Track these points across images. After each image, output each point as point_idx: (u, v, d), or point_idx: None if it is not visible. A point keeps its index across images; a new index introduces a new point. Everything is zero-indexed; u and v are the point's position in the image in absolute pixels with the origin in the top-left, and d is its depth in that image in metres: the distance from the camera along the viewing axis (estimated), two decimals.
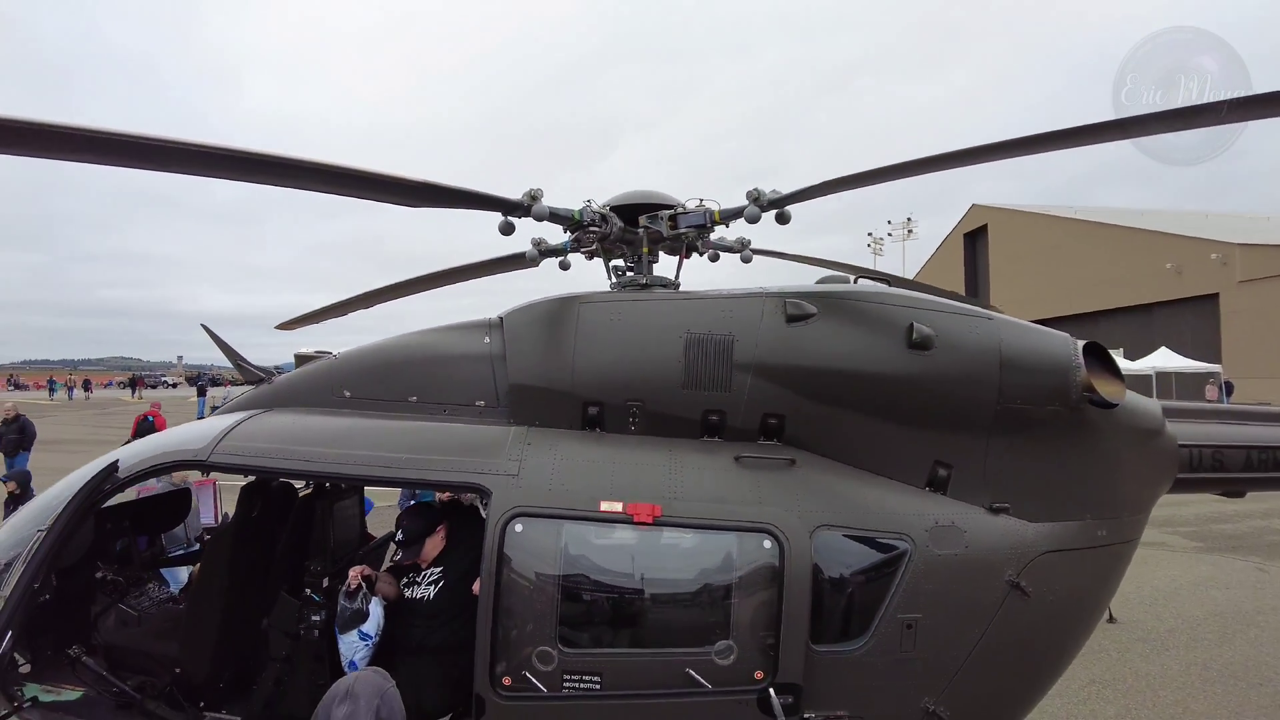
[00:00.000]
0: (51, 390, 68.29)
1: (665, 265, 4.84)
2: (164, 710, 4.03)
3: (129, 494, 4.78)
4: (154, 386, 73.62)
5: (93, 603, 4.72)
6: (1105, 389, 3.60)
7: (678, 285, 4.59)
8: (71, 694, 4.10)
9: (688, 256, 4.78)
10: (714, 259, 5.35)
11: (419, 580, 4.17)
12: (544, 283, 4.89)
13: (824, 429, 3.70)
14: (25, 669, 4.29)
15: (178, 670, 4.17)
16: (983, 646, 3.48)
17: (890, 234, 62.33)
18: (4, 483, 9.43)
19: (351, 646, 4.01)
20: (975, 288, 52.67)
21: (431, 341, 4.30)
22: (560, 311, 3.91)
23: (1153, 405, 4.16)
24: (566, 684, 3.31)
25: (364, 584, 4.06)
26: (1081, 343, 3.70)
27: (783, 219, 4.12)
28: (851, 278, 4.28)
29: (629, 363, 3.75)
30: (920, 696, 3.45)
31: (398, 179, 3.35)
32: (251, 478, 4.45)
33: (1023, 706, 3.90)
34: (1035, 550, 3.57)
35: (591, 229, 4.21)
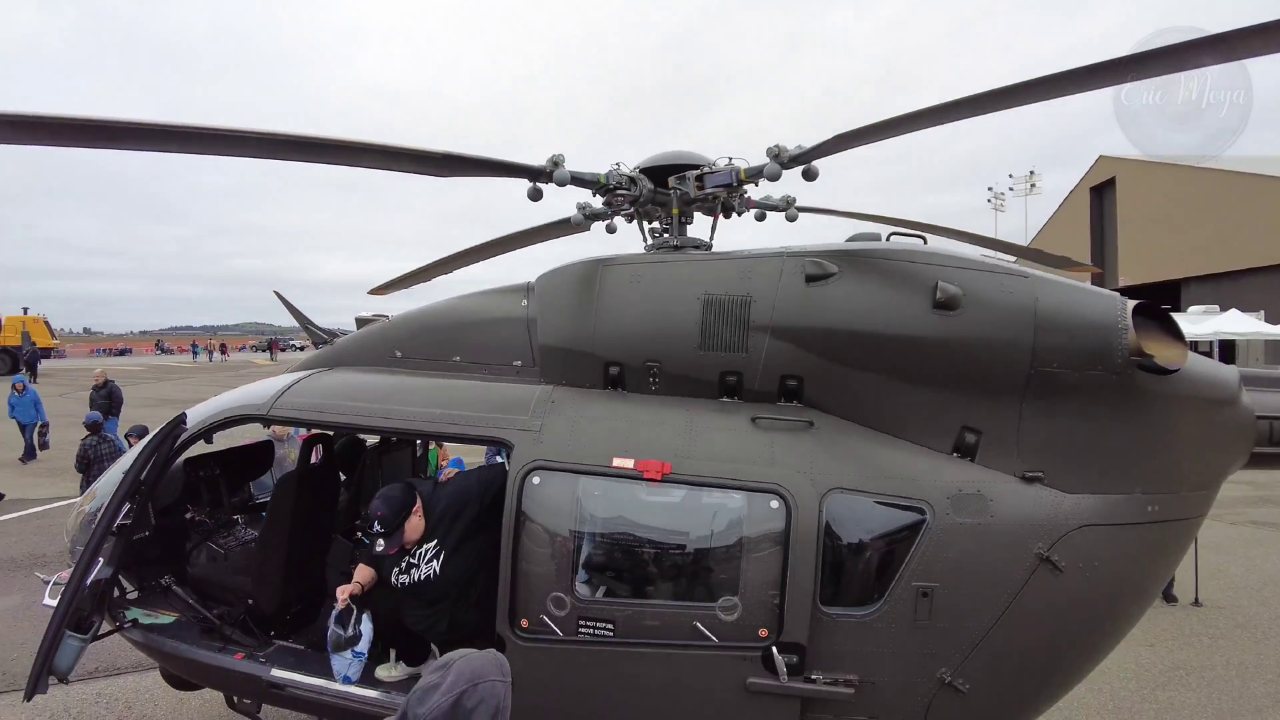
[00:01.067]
0: (194, 354, 75.33)
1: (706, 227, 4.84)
2: (239, 636, 4.53)
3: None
4: (284, 349, 79.28)
5: (186, 540, 5.31)
6: (1161, 353, 3.29)
7: (710, 246, 4.57)
8: (167, 618, 4.66)
9: (726, 216, 4.81)
10: (760, 218, 5.34)
11: (415, 562, 3.98)
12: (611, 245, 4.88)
13: (844, 391, 3.64)
14: (133, 595, 4.92)
15: (250, 601, 4.65)
16: (1007, 621, 3.36)
17: (1011, 189, 58.85)
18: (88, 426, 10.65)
19: (344, 663, 4.02)
20: (1101, 245, 48.87)
21: (475, 305, 4.56)
22: (584, 275, 4.01)
23: (1226, 372, 3.78)
24: (582, 629, 3.48)
25: (352, 604, 4.02)
26: (1132, 303, 3.42)
27: (809, 175, 4.04)
28: (884, 234, 4.11)
29: (647, 324, 3.82)
30: (936, 666, 3.38)
31: (424, 151, 3.50)
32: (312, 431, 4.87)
33: (1054, 687, 3.71)
34: (1070, 523, 3.37)
35: (619, 192, 4.26)
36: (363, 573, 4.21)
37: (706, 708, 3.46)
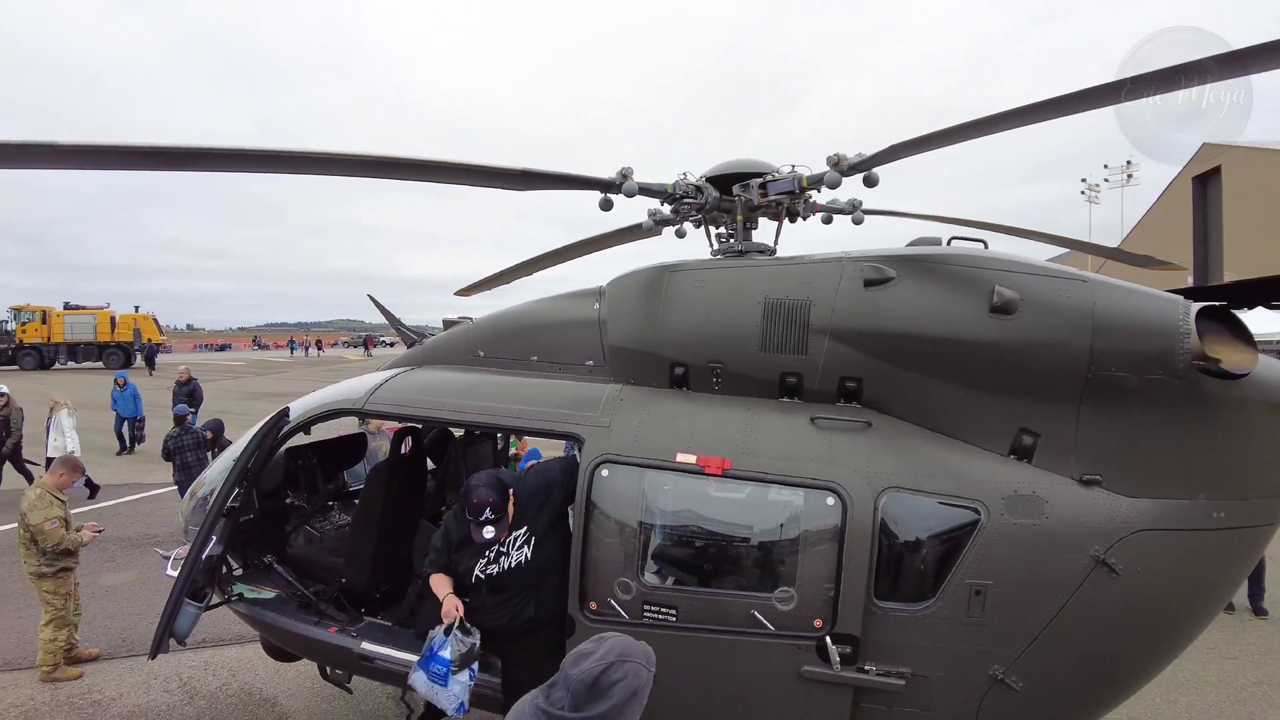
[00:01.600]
0: (292, 349, 79.64)
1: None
2: (333, 612, 4.95)
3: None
4: (377, 345, 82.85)
5: (286, 523, 5.81)
6: (1229, 356, 3.24)
7: (774, 251, 4.70)
8: (269, 593, 5.14)
9: (791, 221, 4.91)
10: (827, 221, 5.42)
11: (505, 550, 4.02)
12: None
13: (902, 393, 3.73)
14: (238, 573, 5.44)
15: (343, 580, 5.08)
16: (1062, 621, 3.39)
17: (1106, 180, 55.96)
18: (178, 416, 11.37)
19: (463, 688, 3.89)
20: (1205, 238, 45.95)
21: (550, 308, 4.87)
22: (652, 280, 4.23)
23: None
24: (647, 613, 3.70)
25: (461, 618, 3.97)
26: (1196, 306, 3.36)
27: (869, 182, 4.12)
28: (945, 239, 4.18)
29: (710, 326, 4.01)
30: (989, 663, 3.44)
31: (503, 168, 3.77)
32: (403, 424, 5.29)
33: (1111, 691, 3.70)
34: (1129, 527, 3.37)
35: (686, 200, 4.44)
36: (441, 582, 4.14)
37: (763, 693, 3.61)
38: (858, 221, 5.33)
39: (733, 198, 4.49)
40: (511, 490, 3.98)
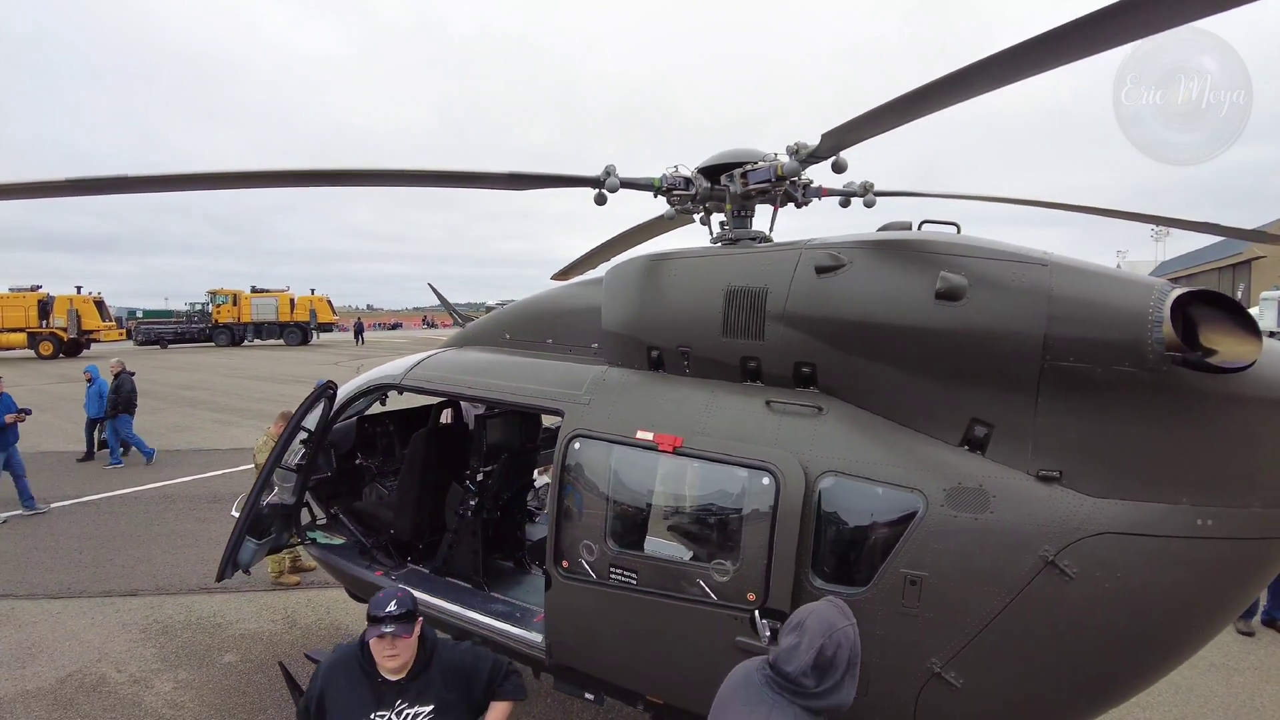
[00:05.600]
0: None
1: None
2: (382, 558, 5.67)
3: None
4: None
5: (360, 481, 6.64)
6: (1229, 348, 2.90)
7: (768, 239, 4.68)
8: (338, 540, 5.95)
9: (799, 207, 4.90)
10: (844, 204, 5.29)
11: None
12: None
13: (854, 379, 3.72)
14: (322, 521, 6.31)
15: (392, 531, 5.79)
16: (1005, 622, 3.24)
17: None
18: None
19: None
20: None
21: (565, 294, 5.29)
22: (637, 269, 4.44)
23: None
24: (613, 575, 3.99)
25: None
26: (1176, 291, 3.05)
27: (837, 167, 4.13)
28: (915, 224, 4.08)
29: (679, 313, 4.19)
30: (926, 655, 3.36)
31: (492, 174, 3.98)
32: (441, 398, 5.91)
33: (1066, 700, 3.40)
34: (1088, 528, 3.15)
35: (675, 192, 4.53)
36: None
37: (706, 659, 3.75)
38: (869, 204, 5.20)
39: (723, 188, 4.54)
40: (424, 634, 3.42)
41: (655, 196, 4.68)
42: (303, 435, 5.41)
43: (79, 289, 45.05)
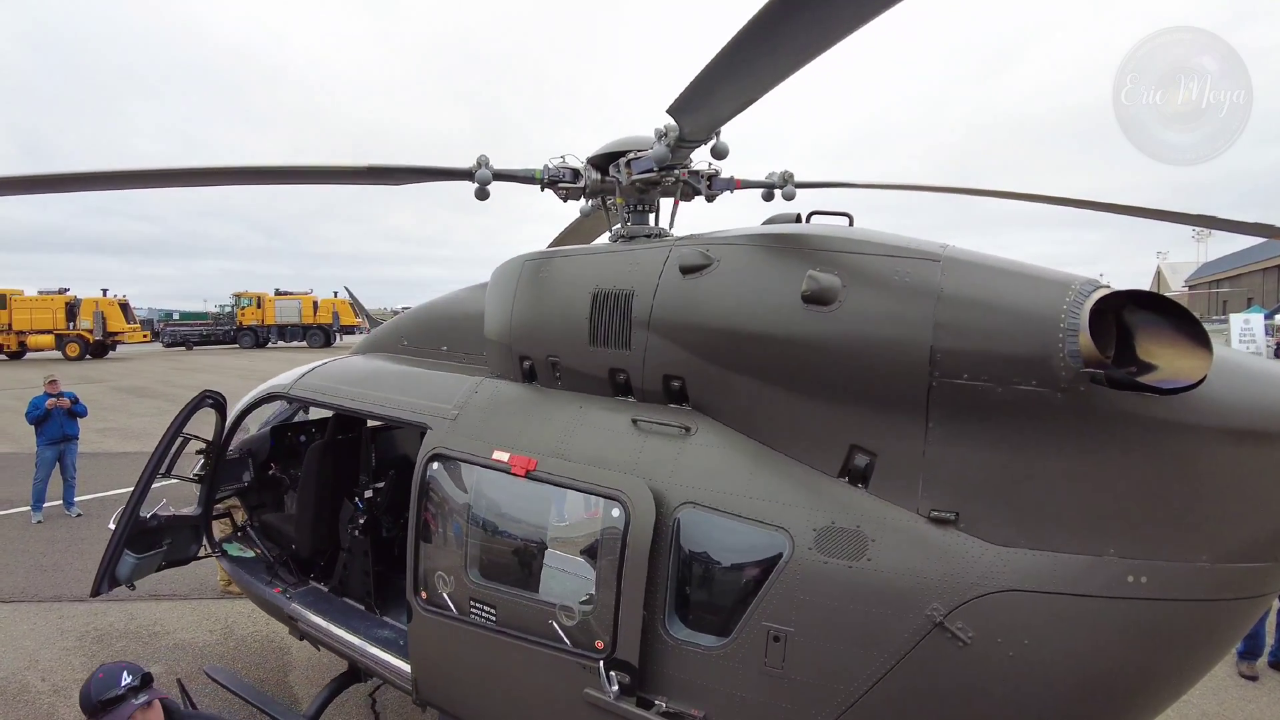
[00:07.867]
0: None
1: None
2: (285, 575, 5.49)
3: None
4: None
5: (278, 492, 6.46)
6: (1170, 363, 2.35)
7: (667, 233, 4.33)
8: (250, 554, 5.80)
9: (687, 199, 4.45)
10: (767, 198, 4.91)
11: None
12: None
13: (725, 396, 3.27)
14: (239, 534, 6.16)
15: (294, 547, 5.61)
16: (888, 689, 2.74)
17: None
18: None
19: None
20: None
21: (462, 298, 4.88)
22: (510, 271, 4.10)
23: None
24: (473, 610, 3.65)
25: None
26: (1099, 292, 2.47)
27: (716, 154, 3.71)
28: (802, 215, 3.65)
29: (547, 318, 3.81)
30: None
31: (350, 167, 3.66)
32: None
33: None
34: (987, 584, 2.61)
35: (561, 185, 4.24)
36: None
37: (557, 708, 3.44)
38: (789, 196, 4.75)
39: (613, 180, 4.17)
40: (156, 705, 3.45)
41: (542, 190, 4.37)
42: (200, 446, 5.28)
43: (104, 291, 46.08)
